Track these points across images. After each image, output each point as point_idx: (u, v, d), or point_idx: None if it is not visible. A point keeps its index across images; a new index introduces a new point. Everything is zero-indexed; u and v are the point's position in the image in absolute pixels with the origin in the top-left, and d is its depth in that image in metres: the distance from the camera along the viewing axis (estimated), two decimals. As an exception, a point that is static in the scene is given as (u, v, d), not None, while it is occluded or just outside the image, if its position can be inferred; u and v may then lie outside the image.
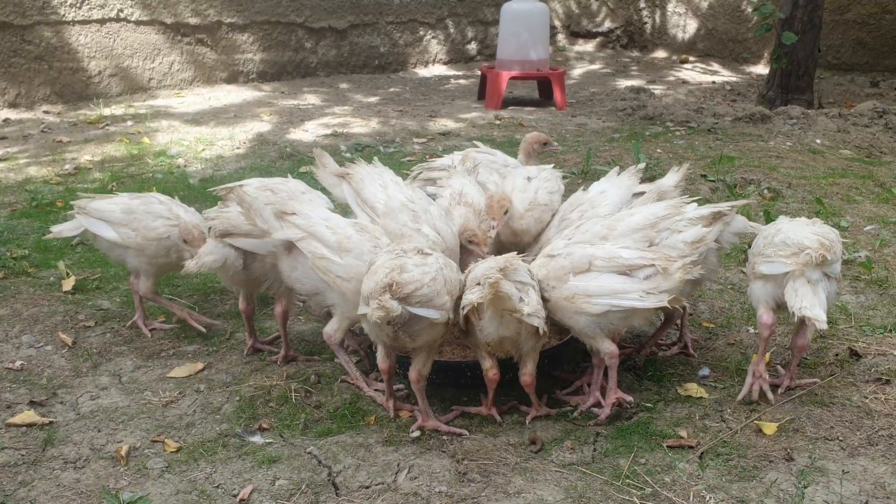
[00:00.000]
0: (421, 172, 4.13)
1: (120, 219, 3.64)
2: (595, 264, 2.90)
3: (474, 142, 4.55)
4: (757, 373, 3.09)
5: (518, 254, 2.97)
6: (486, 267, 2.85)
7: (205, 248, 3.33)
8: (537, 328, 2.79)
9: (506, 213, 3.37)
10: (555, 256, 3.01)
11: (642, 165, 3.84)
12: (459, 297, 2.87)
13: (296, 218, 3.09)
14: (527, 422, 3.01)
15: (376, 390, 3.17)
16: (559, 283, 2.92)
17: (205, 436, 2.93)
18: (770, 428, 2.95)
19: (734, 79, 10.76)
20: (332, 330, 3.13)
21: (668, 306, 2.88)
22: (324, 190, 3.69)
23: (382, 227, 3.20)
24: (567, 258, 2.96)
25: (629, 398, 3.04)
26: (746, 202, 4.49)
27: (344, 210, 3.50)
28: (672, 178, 3.62)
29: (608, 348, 2.96)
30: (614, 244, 2.99)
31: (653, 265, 2.86)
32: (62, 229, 3.83)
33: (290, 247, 3.11)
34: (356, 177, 3.45)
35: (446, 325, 2.84)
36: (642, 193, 3.54)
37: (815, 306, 2.87)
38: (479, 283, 2.80)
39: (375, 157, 3.65)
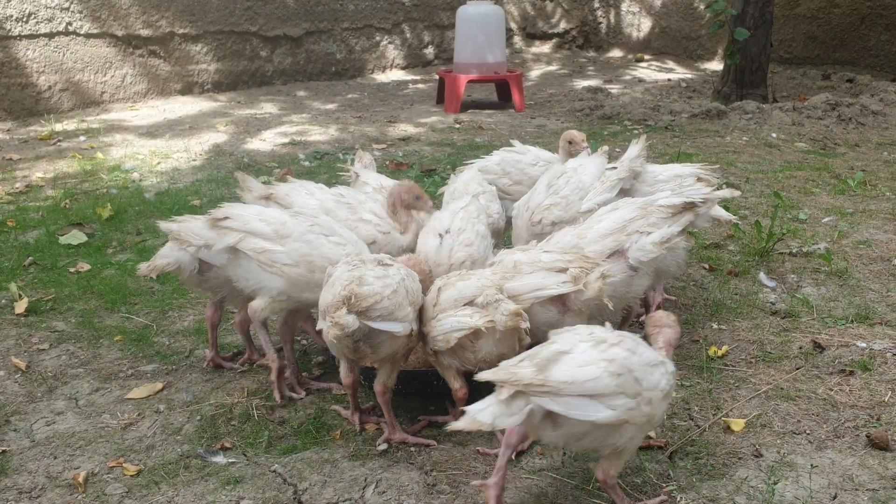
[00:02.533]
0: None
1: None
2: (521, 269, 2.93)
3: (511, 140, 4.50)
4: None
5: None
6: (478, 286, 2.78)
7: (161, 251, 3.31)
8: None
9: None
10: (492, 265, 3.08)
11: (606, 148, 4.00)
12: (419, 306, 2.83)
13: (229, 221, 3.08)
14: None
15: (288, 387, 3.20)
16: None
17: (166, 458, 2.85)
18: (738, 424, 2.95)
19: (689, 76, 10.87)
20: (259, 307, 3.09)
21: (584, 290, 2.81)
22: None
23: None
24: (499, 265, 3.01)
25: None
26: (722, 195, 3.84)
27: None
28: (634, 149, 3.85)
29: None
30: (538, 250, 3.02)
31: (567, 268, 2.85)
32: None
33: (231, 251, 3.09)
34: (280, 193, 3.52)
35: (409, 337, 2.78)
36: (613, 168, 3.76)
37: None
38: (469, 304, 2.75)
39: (290, 175, 3.70)
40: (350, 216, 3.39)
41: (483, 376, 2.32)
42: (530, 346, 2.99)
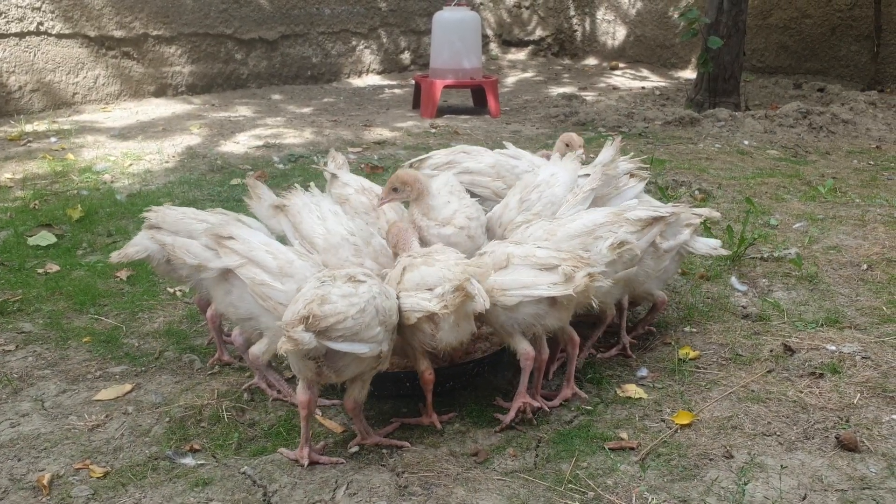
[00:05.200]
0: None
1: None
2: (512, 262, 2.95)
3: (504, 143, 4.45)
4: None
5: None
6: (439, 276, 2.81)
7: (132, 239, 3.30)
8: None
9: (395, 190, 3.40)
10: (483, 254, 3.08)
11: (580, 151, 3.96)
12: (394, 325, 2.79)
13: (234, 243, 2.95)
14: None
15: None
16: (482, 279, 2.95)
17: (133, 460, 2.81)
18: (686, 417, 2.99)
19: (663, 84, 10.96)
20: (260, 352, 3.03)
21: (573, 294, 2.82)
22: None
23: (323, 262, 3.09)
24: (490, 256, 3.02)
25: (536, 404, 3.01)
26: (700, 212, 3.74)
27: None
28: (607, 152, 3.74)
29: (525, 349, 2.97)
30: (533, 244, 3.02)
31: (561, 265, 2.86)
32: None
33: (224, 271, 3.00)
34: (293, 209, 3.30)
35: (378, 358, 2.71)
36: (587, 175, 3.67)
37: None
38: (429, 290, 2.78)
39: (312, 184, 3.51)
40: (352, 258, 3.17)
41: None
42: (530, 334, 3.04)
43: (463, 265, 2.89)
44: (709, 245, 3.64)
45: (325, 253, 3.15)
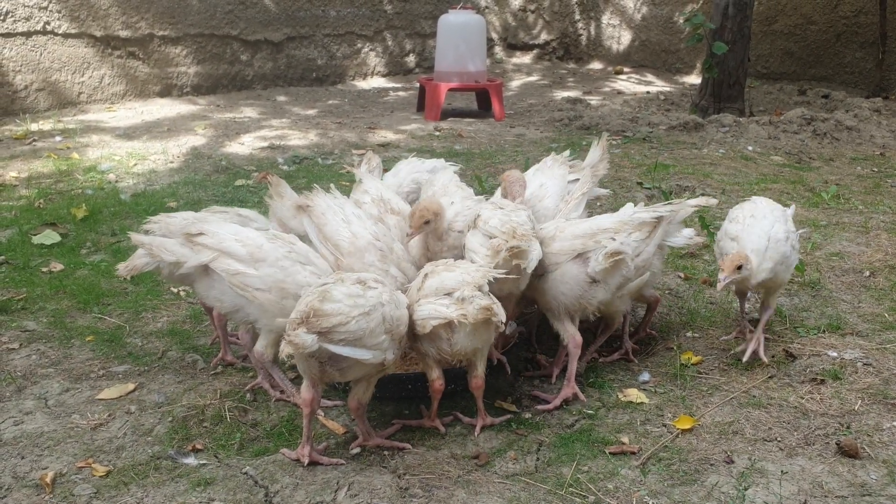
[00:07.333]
0: None
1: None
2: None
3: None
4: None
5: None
6: (459, 280, 2.81)
7: (138, 251, 3.26)
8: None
9: (427, 223, 3.24)
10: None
11: (567, 153, 3.92)
12: (402, 335, 2.78)
13: (204, 238, 2.98)
14: (475, 434, 2.97)
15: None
16: None
17: (136, 459, 2.82)
18: (687, 421, 3.00)
19: (668, 89, 10.95)
20: (262, 348, 3.04)
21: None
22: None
23: (348, 266, 3.08)
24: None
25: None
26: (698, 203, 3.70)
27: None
28: (595, 153, 3.76)
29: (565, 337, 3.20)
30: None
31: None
32: None
33: (203, 267, 3.01)
34: (317, 210, 3.26)
35: (383, 364, 2.70)
36: (576, 180, 3.66)
37: None
38: (447, 295, 2.78)
39: (332, 185, 3.47)
40: (378, 263, 3.14)
41: None
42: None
43: (483, 271, 2.89)
44: (685, 236, 3.63)
45: (349, 257, 3.12)
